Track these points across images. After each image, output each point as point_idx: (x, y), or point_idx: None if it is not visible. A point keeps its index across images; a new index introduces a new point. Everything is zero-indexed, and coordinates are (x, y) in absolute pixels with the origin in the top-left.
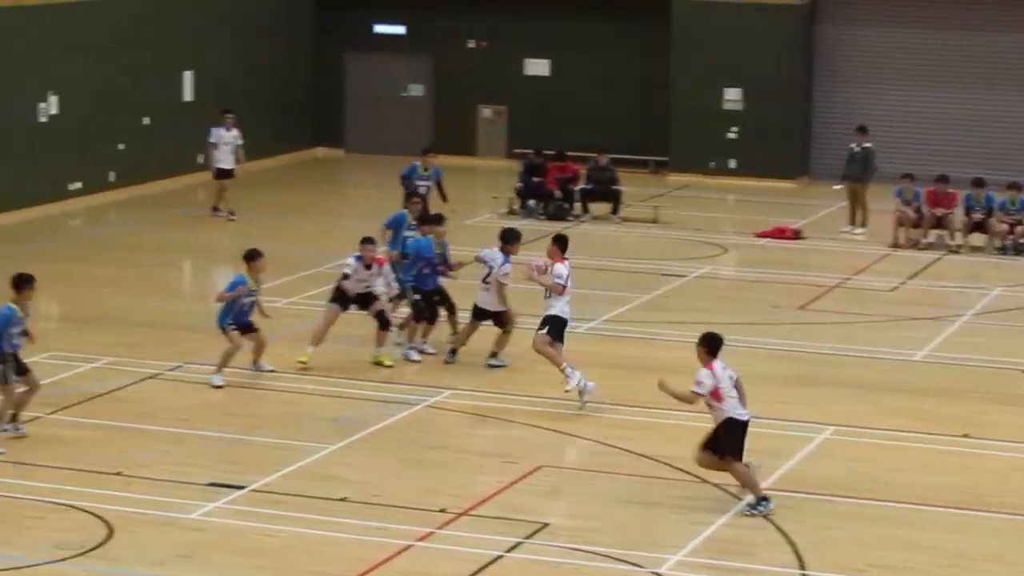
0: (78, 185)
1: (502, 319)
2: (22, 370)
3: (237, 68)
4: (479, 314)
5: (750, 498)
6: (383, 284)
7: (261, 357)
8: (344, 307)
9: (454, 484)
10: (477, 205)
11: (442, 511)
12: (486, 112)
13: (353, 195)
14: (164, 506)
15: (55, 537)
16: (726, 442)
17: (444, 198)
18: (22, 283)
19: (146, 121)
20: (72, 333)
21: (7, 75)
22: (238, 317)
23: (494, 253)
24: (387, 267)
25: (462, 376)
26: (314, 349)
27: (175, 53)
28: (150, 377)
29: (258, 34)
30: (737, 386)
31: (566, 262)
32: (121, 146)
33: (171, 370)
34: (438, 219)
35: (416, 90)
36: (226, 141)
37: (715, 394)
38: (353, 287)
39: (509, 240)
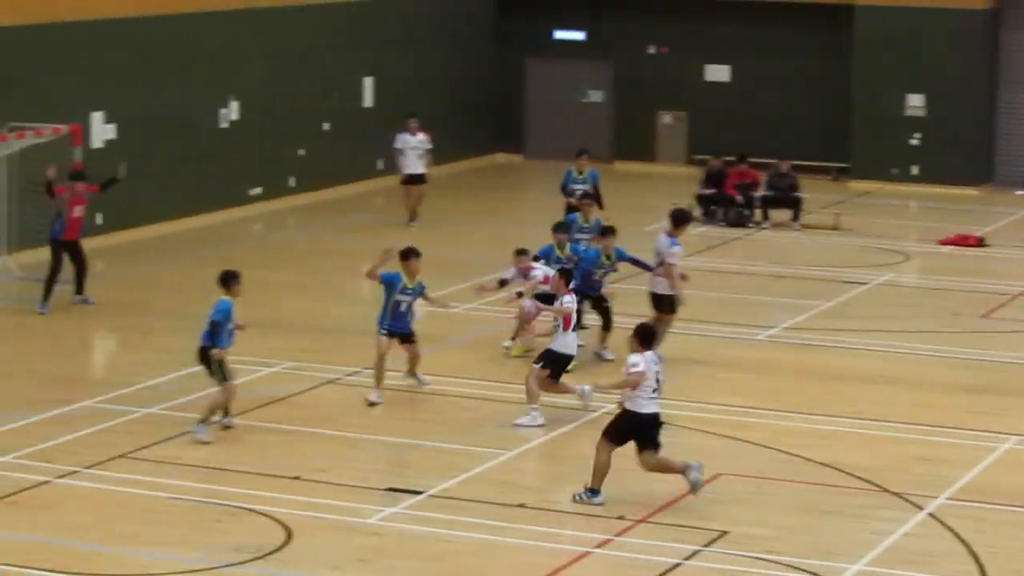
0: (258, 190)
1: (668, 304)
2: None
3: (417, 74)
4: (655, 301)
5: (581, 486)
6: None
7: (416, 368)
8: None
9: (632, 491)
10: (656, 212)
11: (620, 518)
12: (666, 118)
13: (532, 201)
14: (342, 511)
15: (234, 540)
16: (614, 426)
17: (600, 204)
18: (230, 279)
19: (326, 127)
20: (252, 338)
21: (190, 81)
22: (394, 322)
23: (661, 240)
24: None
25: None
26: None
27: (356, 59)
28: (329, 382)
29: (439, 40)
30: (658, 384)
31: (572, 294)
32: (301, 151)
33: (350, 375)
34: (610, 231)
35: (596, 96)
36: (412, 146)
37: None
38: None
39: (678, 222)
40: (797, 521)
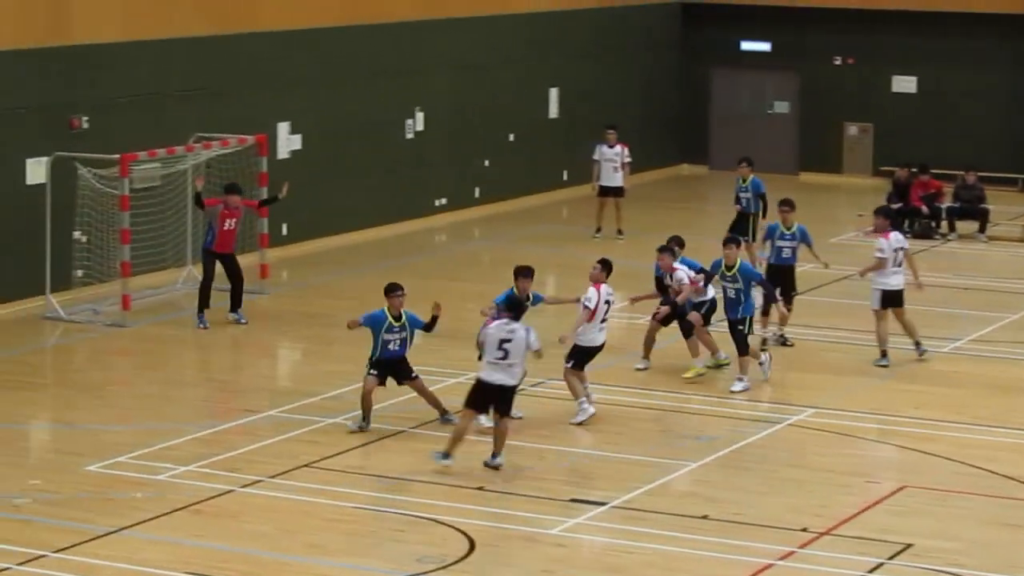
0: (443, 201)
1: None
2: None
3: (603, 85)
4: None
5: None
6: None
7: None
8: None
9: (816, 503)
10: (842, 224)
11: (804, 530)
12: (852, 129)
13: (717, 213)
14: (525, 521)
15: (417, 550)
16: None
17: (763, 213)
18: (388, 291)
19: (511, 138)
20: (437, 348)
21: (376, 92)
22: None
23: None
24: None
25: (824, 395)
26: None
27: (541, 70)
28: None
29: (625, 51)
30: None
31: (601, 287)
32: (486, 162)
33: (533, 386)
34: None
35: (781, 107)
36: (608, 158)
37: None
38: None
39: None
40: (982, 534)
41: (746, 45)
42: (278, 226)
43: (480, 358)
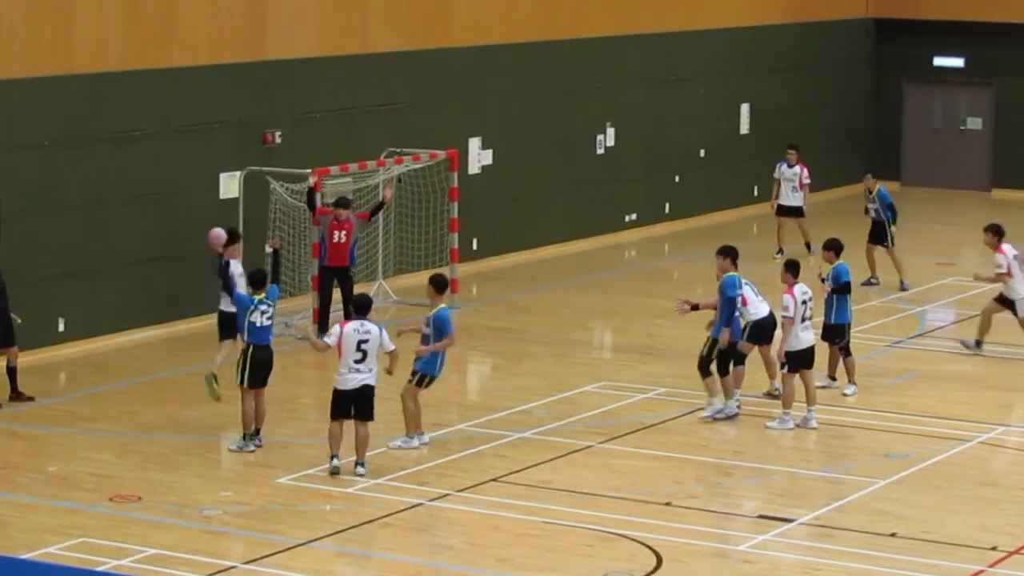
0: (633, 216)
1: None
2: None
3: (794, 100)
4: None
5: None
6: None
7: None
8: None
9: (1007, 522)
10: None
11: (993, 549)
12: None
13: (909, 229)
14: (713, 537)
15: (605, 565)
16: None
17: (894, 220)
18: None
19: (702, 153)
20: (625, 364)
21: (567, 107)
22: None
23: None
24: None
25: (1015, 412)
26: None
27: (732, 85)
28: (702, 408)
29: (817, 66)
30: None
31: (795, 290)
32: (676, 178)
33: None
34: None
35: (974, 123)
36: (787, 177)
37: None
38: None
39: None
40: None
41: (939, 60)
42: (469, 241)
43: None
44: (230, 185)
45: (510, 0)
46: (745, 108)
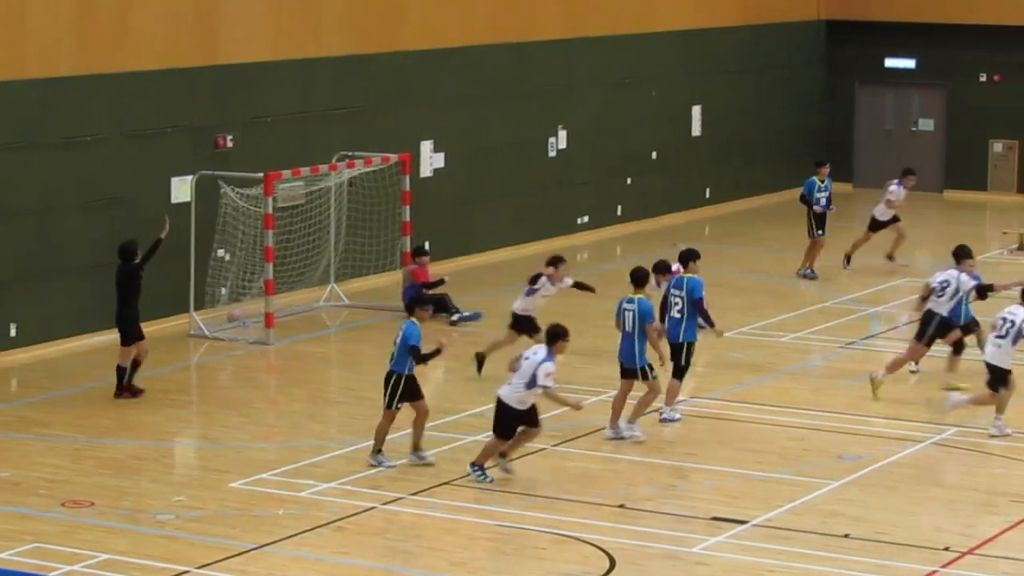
0: (585, 219)
1: None
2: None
3: (747, 102)
4: None
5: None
6: None
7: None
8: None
9: (960, 523)
10: (987, 241)
11: (946, 549)
12: (997, 147)
13: (861, 231)
14: (667, 539)
15: (559, 568)
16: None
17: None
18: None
19: (654, 155)
20: (578, 366)
21: (519, 110)
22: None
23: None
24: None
25: (968, 413)
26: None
27: (684, 87)
28: (654, 411)
29: (769, 69)
30: None
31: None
32: (628, 180)
33: (680, 403)
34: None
35: (926, 124)
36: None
37: None
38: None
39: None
40: None
41: (891, 62)
42: (421, 244)
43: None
44: (182, 189)
45: (462, 3)
46: (697, 110)
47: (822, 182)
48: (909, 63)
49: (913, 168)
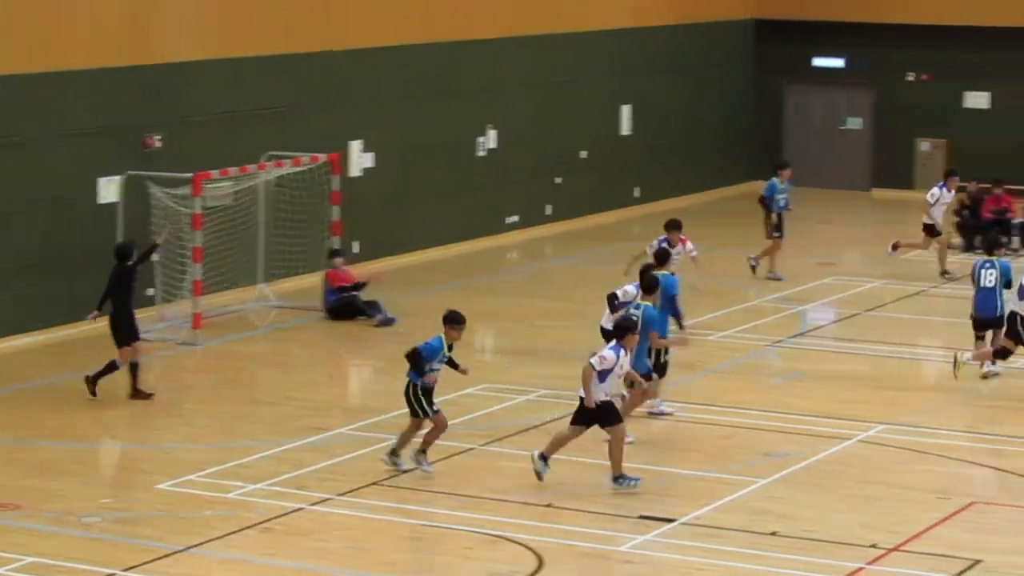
0: (515, 219)
1: None
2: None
3: (676, 102)
4: None
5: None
6: None
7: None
8: None
9: (886, 520)
10: (914, 239)
11: (873, 546)
12: (924, 145)
13: (790, 229)
14: (594, 538)
15: (486, 567)
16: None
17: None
18: (454, 320)
19: (583, 155)
20: (508, 366)
21: (448, 110)
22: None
23: None
24: None
25: (895, 411)
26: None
27: (613, 87)
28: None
29: (699, 68)
30: None
31: None
32: (558, 180)
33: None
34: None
35: (855, 123)
36: (944, 201)
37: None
38: None
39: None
40: None
41: (819, 61)
42: (350, 244)
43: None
44: (109, 189)
45: (392, 3)
46: (626, 110)
47: (782, 184)
48: (838, 62)
49: (955, 169)
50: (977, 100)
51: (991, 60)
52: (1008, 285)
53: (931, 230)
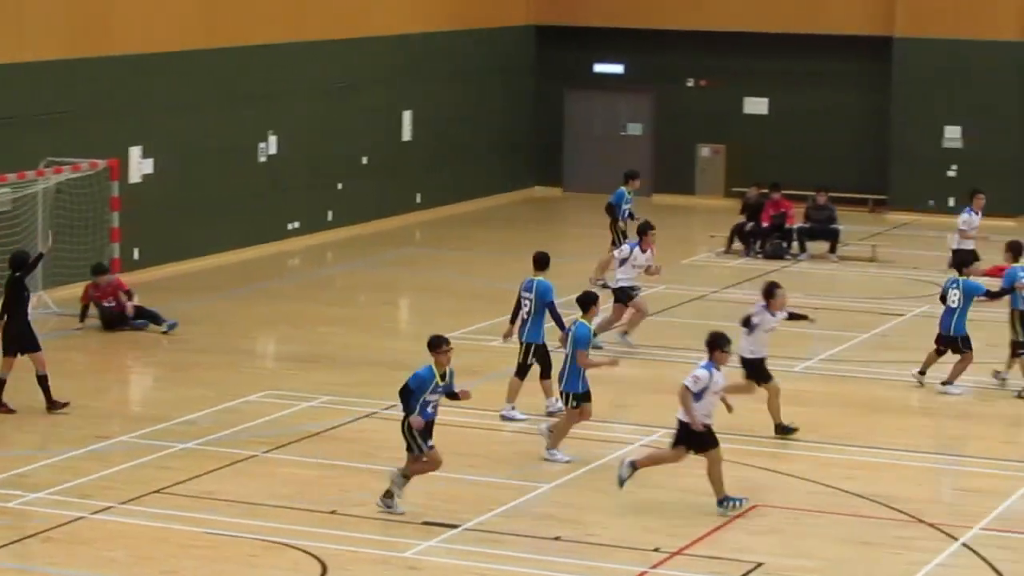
0: (296, 224)
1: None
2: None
3: (456, 107)
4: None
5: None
6: None
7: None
8: None
9: (669, 523)
10: (695, 244)
11: (656, 550)
12: (704, 151)
13: (571, 234)
14: (378, 544)
15: (270, 574)
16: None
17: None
18: (435, 345)
19: (364, 161)
20: (290, 372)
21: (228, 115)
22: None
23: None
24: None
25: (671, 415)
26: None
27: (394, 93)
28: (367, 416)
29: (480, 74)
30: None
31: None
32: (339, 185)
33: (387, 409)
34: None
35: (635, 129)
36: (974, 225)
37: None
38: None
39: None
40: (834, 552)
41: (600, 67)
42: (130, 251)
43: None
44: None
45: (172, 7)
46: (408, 115)
47: (630, 193)
48: (617, 68)
49: (980, 189)
50: (756, 106)
51: (770, 66)
52: (993, 295)
53: (973, 255)
